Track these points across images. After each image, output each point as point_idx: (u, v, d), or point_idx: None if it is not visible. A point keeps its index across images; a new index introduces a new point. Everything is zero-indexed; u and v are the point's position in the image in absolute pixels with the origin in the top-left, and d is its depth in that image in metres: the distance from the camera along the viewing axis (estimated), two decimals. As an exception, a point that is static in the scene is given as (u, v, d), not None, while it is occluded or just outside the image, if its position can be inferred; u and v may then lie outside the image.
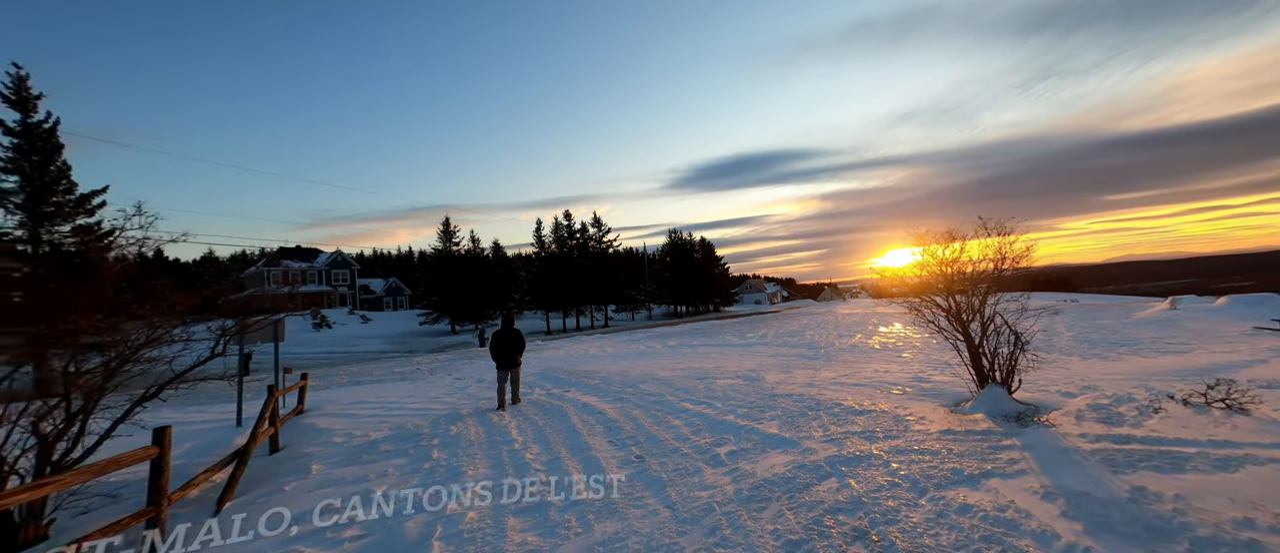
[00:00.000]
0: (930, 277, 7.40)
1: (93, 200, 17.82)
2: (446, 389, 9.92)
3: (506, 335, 7.49)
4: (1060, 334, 16.95)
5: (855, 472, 3.88)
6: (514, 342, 7.48)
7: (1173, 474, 3.62)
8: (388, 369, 15.02)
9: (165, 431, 3.50)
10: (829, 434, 5.08)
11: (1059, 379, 8.12)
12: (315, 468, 4.83)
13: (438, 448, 5.22)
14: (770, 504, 3.34)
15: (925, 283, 7.55)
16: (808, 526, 2.99)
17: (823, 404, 6.52)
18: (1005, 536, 2.75)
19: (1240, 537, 2.65)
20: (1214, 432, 4.59)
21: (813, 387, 7.96)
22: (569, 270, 40.91)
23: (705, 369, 10.68)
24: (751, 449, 4.65)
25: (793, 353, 13.86)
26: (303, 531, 3.34)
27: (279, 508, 3.55)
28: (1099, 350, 12.20)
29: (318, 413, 7.87)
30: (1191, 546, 2.59)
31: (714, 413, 6.29)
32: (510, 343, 7.44)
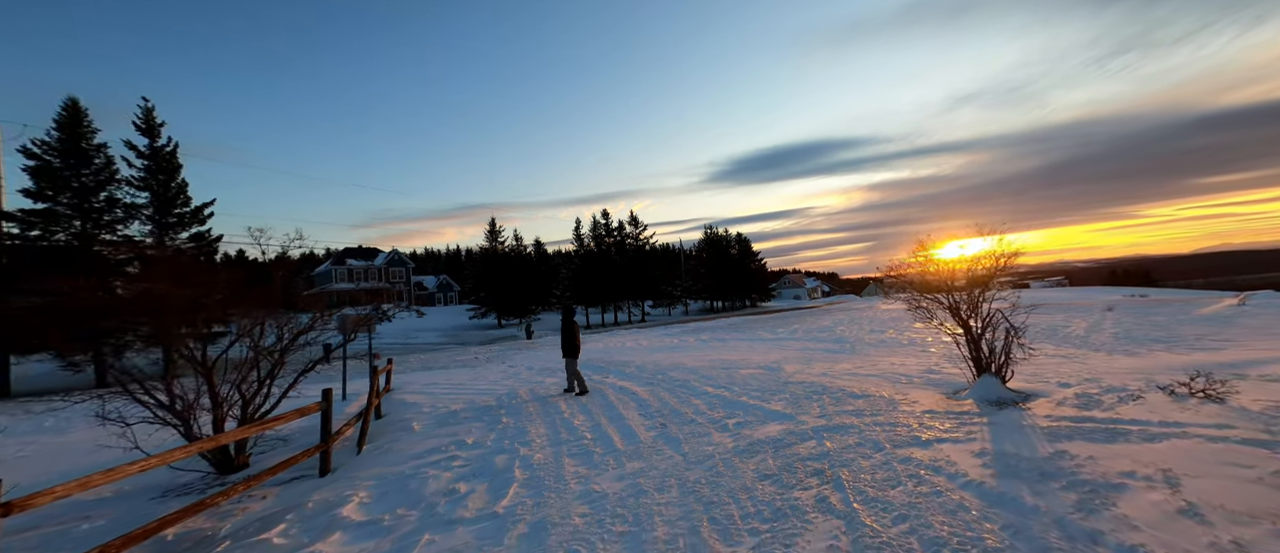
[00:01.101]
0: (934, 275, 8.13)
1: (204, 211, 20.91)
2: (502, 375, 11.45)
3: (569, 330, 8.54)
4: (1103, 330, 16.65)
5: (833, 436, 4.88)
6: (575, 335, 8.53)
7: (1102, 443, 4.39)
8: (451, 358, 16.94)
9: (328, 392, 5.01)
10: (824, 412, 6.04)
11: (1066, 372, 8.60)
12: (416, 426, 6.31)
13: (506, 416, 6.61)
14: (758, 455, 4.42)
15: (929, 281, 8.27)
16: (781, 467, 4.05)
17: (828, 390, 7.43)
18: (926, 476, 3.71)
19: (1112, 482, 3.48)
20: (1172, 415, 5.23)
21: (826, 376, 8.82)
22: (607, 267, 42.50)
23: (731, 361, 11.68)
24: (754, 421, 5.71)
25: (818, 347, 14.56)
26: (423, 462, 4.74)
27: (402, 448, 4.98)
28: (1130, 346, 12.19)
29: (403, 392, 9.54)
30: (1066, 483, 3.46)
31: (730, 395, 7.35)
32: (573, 336, 8.49)
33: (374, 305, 47.69)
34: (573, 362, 8.30)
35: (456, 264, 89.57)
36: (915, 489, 3.47)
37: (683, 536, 2.98)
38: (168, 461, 3.13)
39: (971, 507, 3.14)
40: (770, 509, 3.28)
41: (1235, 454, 3.93)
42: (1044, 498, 3.22)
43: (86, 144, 18.16)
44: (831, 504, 3.29)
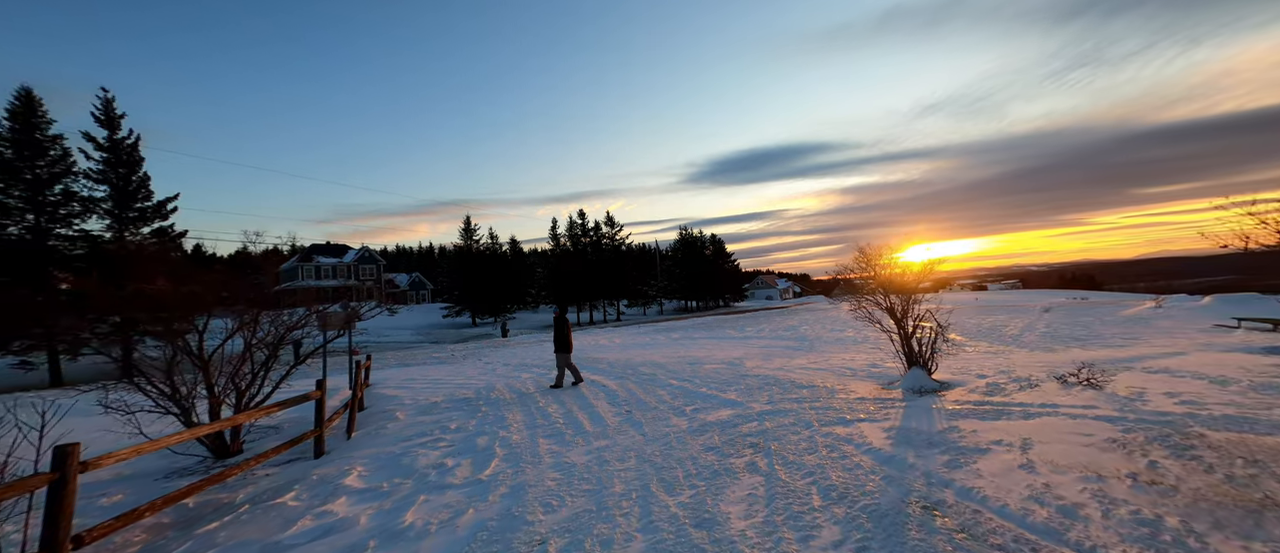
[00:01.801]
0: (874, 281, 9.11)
1: (167, 206, 20.41)
2: (479, 371, 11.92)
3: (561, 326, 9.05)
4: (1035, 330, 18.29)
5: (773, 419, 5.68)
6: (567, 331, 9.07)
7: (988, 420, 5.32)
8: (427, 355, 17.20)
9: (322, 382, 5.48)
10: (771, 399, 6.86)
11: (988, 366, 9.72)
12: (400, 415, 6.81)
13: (485, 406, 7.18)
14: (707, 433, 5.17)
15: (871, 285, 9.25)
16: (724, 442, 4.81)
17: (779, 382, 8.29)
18: (839, 446, 4.52)
19: (980, 447, 4.36)
20: (1054, 399, 6.25)
21: (781, 371, 9.70)
22: (583, 267, 42.97)
23: (697, 357, 12.48)
24: (709, 407, 6.47)
25: (779, 345, 15.56)
26: (411, 443, 5.29)
27: (389, 433, 5.50)
28: (1052, 344, 13.63)
29: (382, 387, 9.93)
30: (944, 449, 4.33)
31: (691, 387, 8.11)
32: (565, 333, 9.01)
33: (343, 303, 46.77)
34: (566, 356, 8.88)
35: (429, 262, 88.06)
36: (827, 455, 4.27)
37: (635, 491, 3.67)
38: (197, 434, 3.63)
39: (865, 466, 3.95)
40: (709, 471, 4.01)
41: (1085, 427, 4.90)
42: (923, 459, 4.07)
43: (41, 135, 17.55)
44: (758, 467, 4.05)
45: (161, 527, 3.54)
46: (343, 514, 3.52)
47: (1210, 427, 4.77)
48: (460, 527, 3.22)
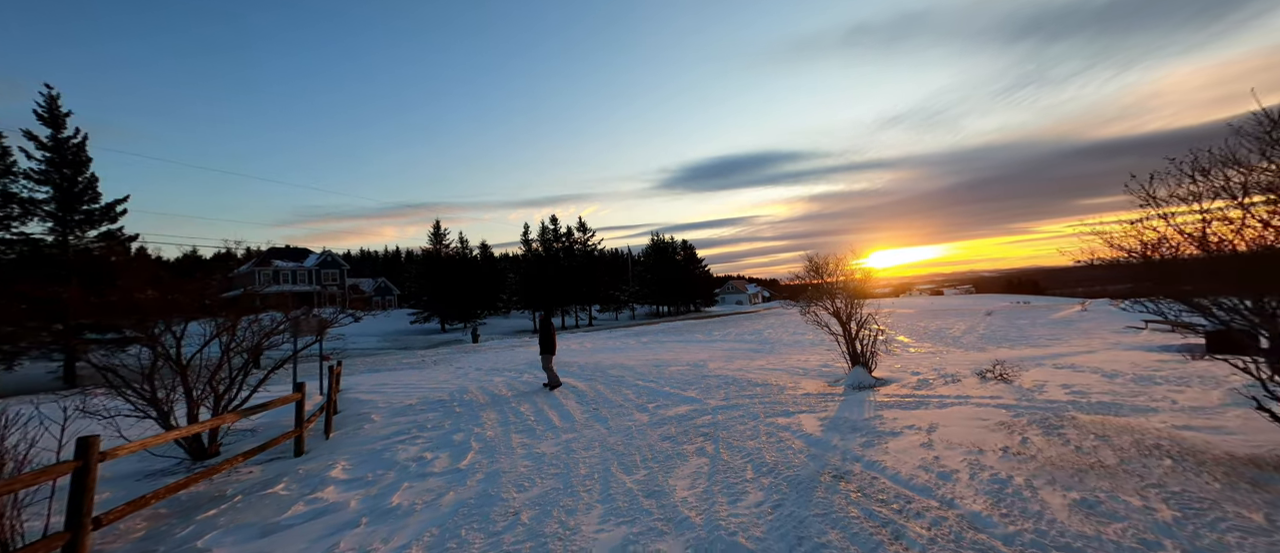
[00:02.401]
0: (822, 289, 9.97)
1: (116, 208, 19.53)
2: (451, 375, 12.16)
3: (546, 329, 9.27)
4: (975, 332, 19.85)
5: (726, 412, 6.32)
6: (552, 335, 9.30)
7: (909, 410, 6.11)
8: (397, 361, 17.16)
9: (302, 384, 5.77)
10: (727, 396, 7.52)
11: (924, 364, 10.71)
12: (375, 417, 7.10)
13: (459, 407, 7.54)
14: (665, 425, 5.76)
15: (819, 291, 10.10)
16: (679, 432, 5.41)
17: (737, 381, 8.97)
18: (778, 432, 5.19)
19: (895, 431, 5.11)
20: (969, 391, 7.15)
21: (740, 371, 10.41)
22: (555, 272, 43.10)
23: (664, 360, 13.10)
24: (670, 404, 7.07)
25: (743, 347, 16.39)
26: (390, 441, 5.65)
27: (366, 433, 5.83)
28: (985, 344, 14.99)
29: (353, 391, 10.06)
30: (864, 432, 5.05)
31: (656, 387, 8.69)
32: (550, 336, 9.23)
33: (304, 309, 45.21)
34: (548, 358, 9.15)
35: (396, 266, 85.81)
36: (766, 440, 4.93)
37: (598, 473, 4.21)
38: (184, 434, 3.93)
39: (796, 447, 4.62)
40: (663, 456, 4.59)
41: (986, 413, 5.74)
42: (845, 441, 4.77)
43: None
44: (706, 450, 4.66)
45: (160, 516, 3.82)
46: (333, 500, 3.90)
47: (1083, 411, 5.70)
48: (443, 505, 3.67)
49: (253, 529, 3.43)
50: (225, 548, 3.17)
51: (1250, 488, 3.30)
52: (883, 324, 9.77)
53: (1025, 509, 3.07)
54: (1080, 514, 2.99)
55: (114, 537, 3.45)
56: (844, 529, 2.91)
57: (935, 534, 2.80)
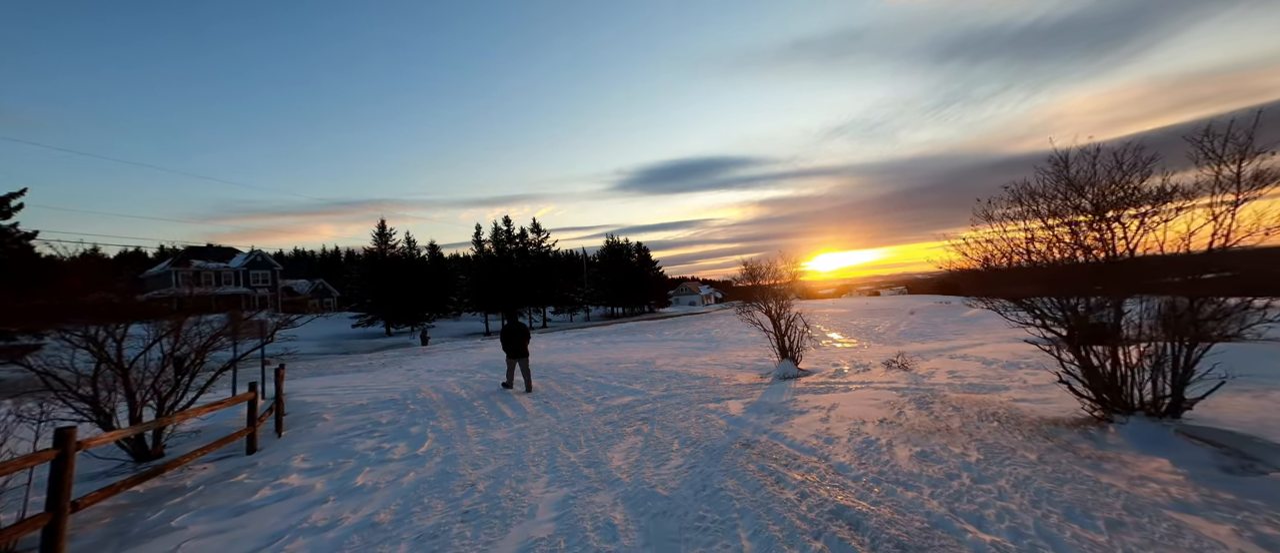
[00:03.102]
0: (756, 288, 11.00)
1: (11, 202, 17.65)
2: (402, 377, 12.19)
3: (515, 330, 8.88)
4: (897, 329, 22.02)
5: (665, 401, 7.07)
6: (522, 335, 8.83)
7: (820, 393, 7.11)
8: (342, 365, 16.71)
9: (254, 384, 5.92)
10: (668, 388, 8.28)
11: (845, 357, 11.99)
12: (327, 416, 7.26)
13: (413, 404, 7.83)
14: (609, 413, 6.42)
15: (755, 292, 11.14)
16: (621, 419, 6.08)
17: (679, 375, 9.78)
18: (706, 415, 5.99)
19: (803, 410, 6.04)
20: (874, 378, 8.30)
21: (684, 367, 11.24)
22: (508, 273, 42.66)
23: (615, 358, 13.75)
24: (615, 396, 7.73)
25: (690, 346, 17.36)
26: (346, 436, 5.93)
27: (320, 430, 6.07)
28: (902, 339, 16.84)
29: (298, 395, 9.96)
30: (777, 412, 5.95)
31: (604, 382, 9.33)
32: (519, 336, 8.79)
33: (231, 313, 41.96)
34: (521, 360, 8.77)
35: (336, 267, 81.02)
36: (695, 422, 5.70)
37: (545, 451, 4.80)
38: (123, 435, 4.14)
39: (719, 426, 5.43)
40: (604, 436, 5.25)
41: (881, 395, 6.82)
42: (760, 419, 5.63)
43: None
44: (641, 430, 5.37)
45: (122, 507, 4.00)
46: (298, 484, 4.24)
47: (954, 391, 6.92)
48: (404, 483, 4.13)
49: (224, 510, 3.74)
50: (200, 525, 3.48)
51: (1041, 439, 4.42)
52: (821, 323, 10.95)
53: (878, 459, 4.00)
54: (917, 461, 3.94)
55: (84, 524, 3.64)
56: (740, 479, 3.69)
57: (806, 478, 3.64)
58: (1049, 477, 3.45)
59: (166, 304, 22.05)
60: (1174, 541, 2.53)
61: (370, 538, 3.12)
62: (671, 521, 3.07)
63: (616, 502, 3.44)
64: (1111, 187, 4.62)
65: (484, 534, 3.06)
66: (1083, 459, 3.83)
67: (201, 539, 3.25)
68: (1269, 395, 5.27)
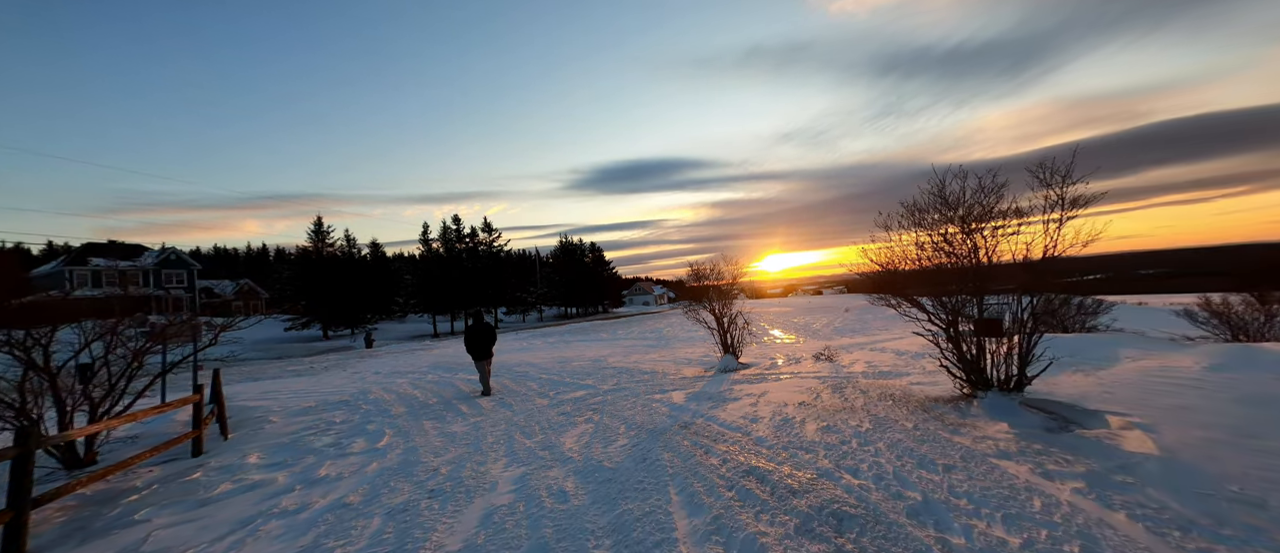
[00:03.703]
0: (702, 288, 11.81)
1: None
2: (348, 380, 11.97)
3: (480, 330, 8.53)
4: (832, 326, 23.84)
5: (615, 394, 7.63)
6: (487, 336, 8.53)
7: (753, 383, 7.92)
8: (279, 369, 15.94)
9: (201, 387, 5.88)
10: (619, 382, 8.84)
11: (782, 351, 13.05)
12: (274, 419, 7.22)
13: (365, 404, 7.90)
14: (563, 405, 6.89)
15: (701, 292, 11.95)
16: (573, 410, 6.58)
17: (630, 371, 10.37)
18: (651, 403, 6.61)
19: (735, 396, 6.80)
20: (802, 369, 9.27)
21: (635, 363, 11.85)
22: (458, 274, 41.57)
23: (568, 357, 14.15)
24: (568, 391, 8.20)
25: (641, 344, 18.04)
26: (300, 435, 6.02)
27: (270, 431, 6.11)
28: (835, 335, 18.41)
29: (237, 400, 9.62)
30: (713, 398, 6.67)
31: (558, 379, 9.75)
32: (484, 337, 8.49)
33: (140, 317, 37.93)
34: (487, 363, 8.51)
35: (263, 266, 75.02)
36: (641, 410, 6.31)
37: (502, 439, 5.22)
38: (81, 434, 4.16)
39: (661, 412, 6.06)
40: (558, 425, 5.74)
41: (806, 383, 7.73)
42: (698, 406, 6.32)
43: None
44: (593, 419, 5.90)
45: (72, 508, 4.00)
46: (260, 478, 4.40)
47: (867, 378, 7.96)
48: (368, 471, 4.42)
49: (187, 504, 3.88)
50: (165, 517, 3.63)
51: (921, 412, 5.39)
52: (765, 320, 11.90)
53: (791, 432, 4.77)
54: (820, 433, 4.74)
55: (38, 523, 3.66)
56: (675, 452, 4.32)
57: (729, 449, 4.33)
58: (916, 439, 4.34)
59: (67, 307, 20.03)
60: (985, 477, 3.41)
61: (343, 516, 3.45)
62: (615, 486, 3.63)
63: (568, 475, 3.96)
64: (974, 205, 5.69)
65: (450, 505, 3.48)
66: (946, 426, 4.79)
67: (171, 528, 3.43)
68: (1094, 374, 6.62)
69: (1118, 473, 3.36)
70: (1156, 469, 3.40)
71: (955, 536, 2.61)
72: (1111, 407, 5.04)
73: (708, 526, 2.87)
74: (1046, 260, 5.40)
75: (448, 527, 3.14)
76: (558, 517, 3.16)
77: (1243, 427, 4.16)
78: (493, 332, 8.73)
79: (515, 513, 3.28)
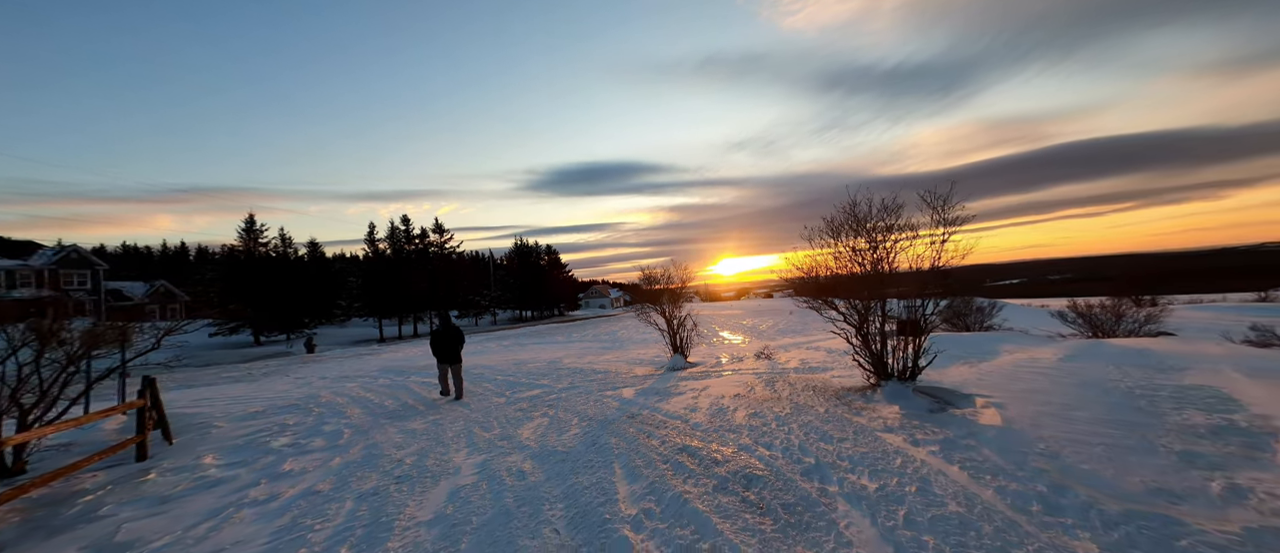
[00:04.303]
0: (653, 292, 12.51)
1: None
2: (293, 385, 11.65)
3: (447, 333, 8.27)
4: (775, 327, 25.38)
5: (568, 391, 8.11)
6: (455, 338, 8.30)
7: (698, 379, 8.66)
8: (214, 376, 15.07)
9: (144, 391, 5.82)
10: (572, 382, 9.32)
11: (724, 350, 13.96)
12: (220, 424, 7.12)
13: (317, 408, 7.91)
14: (519, 403, 7.30)
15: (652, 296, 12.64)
16: (530, 406, 7.02)
17: (584, 371, 10.86)
18: (603, 398, 7.17)
19: (679, 391, 7.49)
20: (743, 366, 10.12)
21: (589, 364, 12.33)
22: (407, 275, 40.15)
23: (524, 359, 14.41)
24: (524, 389, 8.59)
25: (596, 345, 18.52)
26: (253, 436, 6.07)
27: (218, 435, 6.13)
28: (776, 335, 19.74)
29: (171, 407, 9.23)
30: (661, 392, 7.33)
31: (514, 379, 10.09)
32: (452, 340, 8.25)
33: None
34: (454, 366, 8.29)
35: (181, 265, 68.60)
36: (594, 405, 6.85)
37: (463, 433, 5.60)
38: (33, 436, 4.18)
39: (612, 406, 6.63)
40: (515, 419, 6.17)
41: (744, 378, 8.54)
42: (646, 399, 6.95)
43: None
44: (548, 413, 6.38)
45: (20, 510, 4.00)
46: (221, 476, 4.55)
47: (797, 373, 8.91)
48: (333, 465, 4.68)
49: (148, 500, 4.01)
50: (130, 512, 3.77)
51: (834, 400, 6.29)
52: (716, 323, 12.72)
53: (723, 418, 5.49)
54: (748, 418, 5.50)
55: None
56: (621, 437, 4.92)
57: (669, 433, 4.98)
58: (824, 420, 5.18)
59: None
60: (868, 446, 4.25)
61: (314, 502, 3.76)
62: (567, 465, 4.17)
63: (526, 458, 4.45)
64: (877, 222, 6.70)
65: (418, 488, 3.88)
66: (852, 410, 5.69)
67: (140, 521, 3.60)
68: (977, 366, 7.87)
69: (966, 439, 4.30)
70: (994, 436, 4.37)
71: (831, 485, 3.37)
72: (981, 391, 6.15)
73: (644, 490, 3.48)
74: (933, 271, 6.48)
75: (418, 503, 3.55)
76: (517, 490, 3.65)
77: (1068, 403, 5.31)
78: (461, 334, 8.48)
79: (479, 490, 3.74)
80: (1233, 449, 3.67)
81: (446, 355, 8.23)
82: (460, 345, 8.35)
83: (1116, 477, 3.31)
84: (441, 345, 8.24)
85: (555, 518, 3.15)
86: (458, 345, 8.31)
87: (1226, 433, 3.97)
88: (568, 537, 2.88)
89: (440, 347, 8.25)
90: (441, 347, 8.24)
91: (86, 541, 3.33)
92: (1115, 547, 2.56)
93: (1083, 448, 3.85)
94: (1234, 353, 7.27)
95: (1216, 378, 5.53)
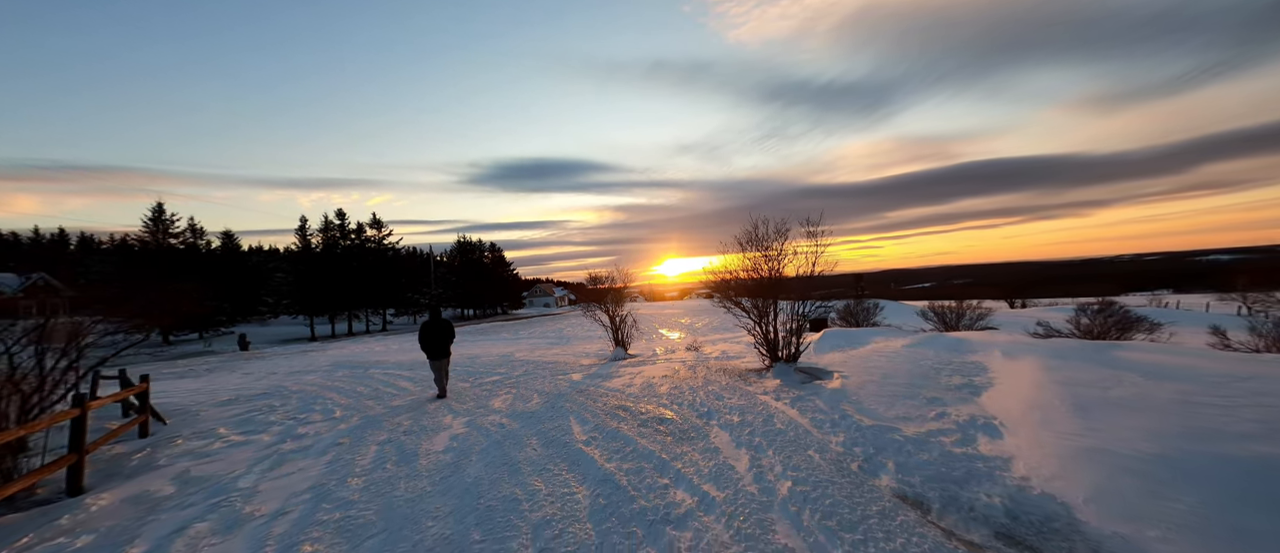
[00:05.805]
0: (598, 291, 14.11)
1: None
2: (248, 380, 11.99)
3: (437, 327, 7.98)
4: (712, 324, 27.88)
5: (525, 377, 9.54)
6: (446, 333, 8.01)
7: (635, 367, 10.39)
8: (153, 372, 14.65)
9: (146, 377, 6.57)
10: (527, 370, 10.72)
11: (665, 345, 15.82)
12: (205, 410, 7.84)
13: (293, 395, 8.75)
14: (484, 386, 8.65)
15: (597, 295, 14.23)
16: (494, 388, 8.39)
17: (535, 362, 12.25)
18: (556, 380, 8.69)
19: (616, 375, 9.17)
20: (674, 357, 11.99)
21: (540, 358, 13.69)
22: (341, 271, 38.69)
23: (475, 354, 15.46)
24: (485, 376, 9.90)
25: (543, 342, 19.80)
26: (247, 417, 6.98)
27: (205, 420, 6.98)
28: (710, 332, 22.06)
29: (127, 399, 9.52)
30: (585, 378, 8.98)
31: (472, 369, 11.29)
32: (442, 334, 7.94)
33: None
34: (444, 362, 8.04)
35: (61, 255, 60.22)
36: (550, 384, 8.36)
37: (442, 407, 6.92)
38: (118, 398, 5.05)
39: (564, 385, 8.18)
40: (484, 396, 7.56)
41: (673, 366, 10.36)
42: (592, 381, 8.56)
43: None
44: (511, 391, 7.82)
45: (90, 464, 4.85)
46: (244, 440, 5.56)
47: (716, 360, 10.89)
48: (342, 429, 5.85)
49: (193, 456, 5.02)
50: (184, 463, 4.80)
51: (737, 378, 8.25)
52: (657, 321, 14.47)
53: (650, 390, 7.25)
54: (670, 389, 7.28)
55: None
56: (573, 403, 6.52)
57: (609, 400, 6.66)
58: (723, 389, 7.09)
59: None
60: (747, 402, 6.16)
61: (343, 450, 5.01)
62: (535, 419, 5.71)
63: (502, 417, 5.93)
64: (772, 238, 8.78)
65: (423, 437, 5.24)
66: (746, 382, 7.65)
67: (201, 466, 4.69)
68: (847, 352, 10.24)
69: (811, 397, 6.34)
70: (828, 394, 6.45)
71: (713, 421, 5.20)
72: (841, 369, 8.36)
73: (592, 429, 5.10)
74: (810, 277, 8.64)
75: (428, 445, 4.93)
76: (501, 433, 5.14)
77: (888, 374, 7.58)
78: (452, 328, 8.12)
79: (471, 435, 5.19)
80: (960, 397, 5.94)
81: (438, 350, 7.90)
82: (451, 340, 8.04)
83: (882, 411, 5.41)
84: (432, 340, 7.87)
85: (534, 444, 4.70)
86: (448, 340, 8.00)
87: (963, 389, 6.28)
88: (544, 451, 4.45)
89: (431, 341, 7.87)
90: (432, 341, 7.87)
91: (168, 476, 4.40)
92: (851, 441, 4.57)
93: (877, 399, 5.98)
94: (1014, 341, 10.14)
95: (986, 358, 8.08)
